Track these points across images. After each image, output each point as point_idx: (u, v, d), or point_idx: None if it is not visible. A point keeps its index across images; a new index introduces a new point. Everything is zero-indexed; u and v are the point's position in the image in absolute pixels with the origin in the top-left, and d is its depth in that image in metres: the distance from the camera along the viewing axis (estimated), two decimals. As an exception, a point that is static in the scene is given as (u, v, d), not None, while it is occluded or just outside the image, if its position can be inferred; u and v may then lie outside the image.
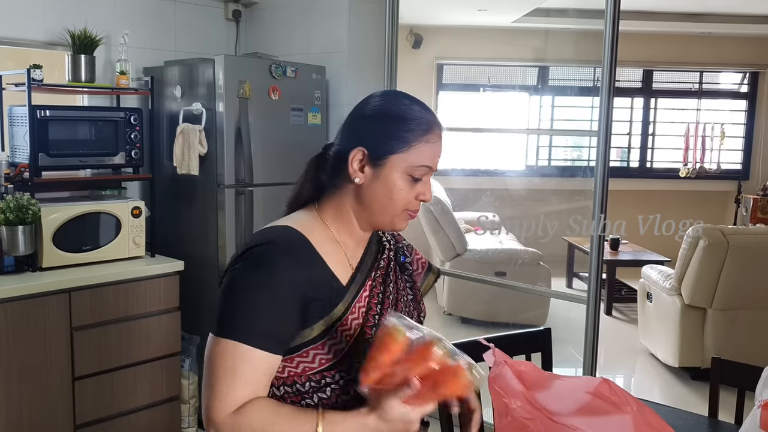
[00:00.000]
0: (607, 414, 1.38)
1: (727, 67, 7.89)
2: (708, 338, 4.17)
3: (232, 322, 1.18)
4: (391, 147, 1.25)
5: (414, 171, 1.26)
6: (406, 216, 1.29)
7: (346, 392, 1.24)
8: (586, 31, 6.59)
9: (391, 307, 1.33)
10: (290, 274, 1.20)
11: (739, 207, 7.50)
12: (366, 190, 1.27)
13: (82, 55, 3.11)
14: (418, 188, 1.27)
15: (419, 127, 1.26)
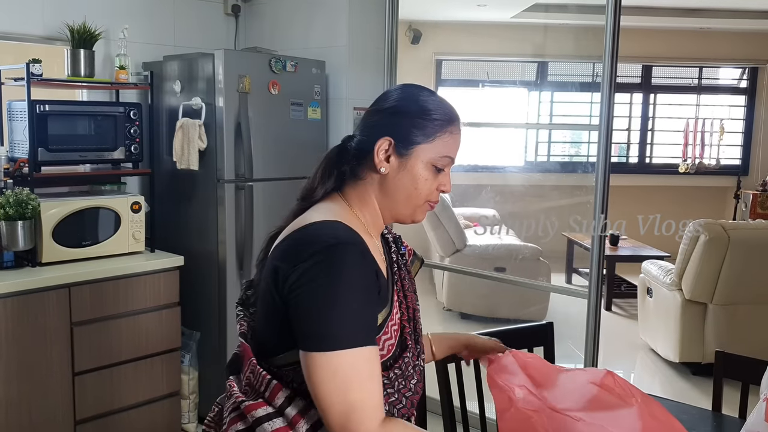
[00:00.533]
0: (612, 406, 1.38)
1: (726, 62, 7.89)
2: (709, 333, 4.17)
3: (348, 330, 1.13)
4: (416, 137, 1.27)
5: (438, 162, 1.29)
6: (427, 207, 1.32)
7: (387, 377, 1.24)
8: (585, 27, 6.58)
9: (408, 300, 1.36)
10: (371, 267, 1.20)
11: (739, 202, 7.50)
12: (392, 180, 1.29)
13: (81, 49, 3.10)
14: (440, 179, 1.30)
15: (443, 119, 1.29)
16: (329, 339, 1.11)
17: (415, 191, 1.29)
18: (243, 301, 1.39)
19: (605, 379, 1.44)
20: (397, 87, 1.36)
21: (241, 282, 3.26)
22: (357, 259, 1.17)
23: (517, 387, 1.43)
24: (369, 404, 1.11)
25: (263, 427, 1.19)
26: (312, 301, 1.13)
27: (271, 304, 1.22)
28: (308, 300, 1.14)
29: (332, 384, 1.11)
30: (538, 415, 1.36)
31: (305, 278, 1.14)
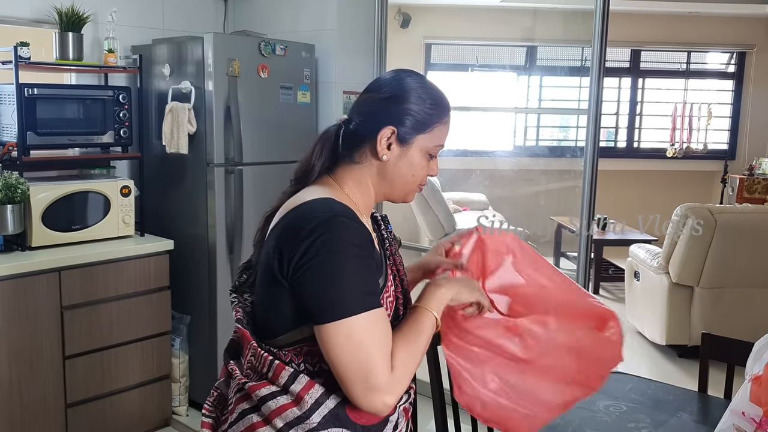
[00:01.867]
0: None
1: (714, 47, 7.92)
2: (695, 316, 4.22)
3: (356, 296, 1.19)
4: (418, 127, 1.34)
5: (432, 150, 1.37)
6: (417, 189, 1.40)
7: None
8: (574, 11, 6.58)
9: (398, 275, 1.41)
10: (365, 238, 1.25)
11: (726, 186, 7.56)
12: (391, 167, 1.35)
13: (69, 32, 3.07)
14: (431, 165, 1.39)
15: (440, 110, 1.36)
16: (339, 308, 1.17)
17: (412, 178, 1.36)
18: (236, 288, 1.42)
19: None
20: (394, 73, 1.39)
21: (231, 265, 3.26)
22: (354, 229, 1.22)
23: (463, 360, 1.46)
24: (381, 359, 1.18)
25: (268, 404, 1.23)
26: (318, 276, 1.18)
27: (272, 285, 1.25)
28: (314, 275, 1.18)
29: (348, 349, 1.17)
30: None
31: (309, 255, 1.19)
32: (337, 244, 1.19)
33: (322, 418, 1.23)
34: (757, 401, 1.43)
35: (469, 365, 1.44)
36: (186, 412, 3.41)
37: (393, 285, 1.37)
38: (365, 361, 1.17)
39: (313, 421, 1.23)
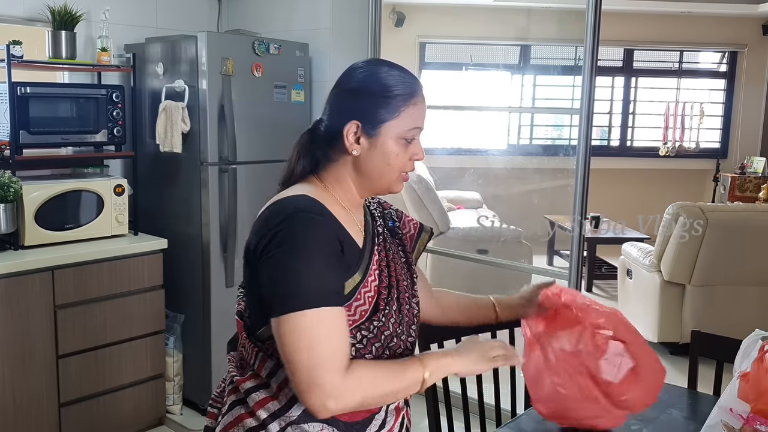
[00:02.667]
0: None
1: (706, 46, 7.95)
2: (687, 314, 4.24)
3: (308, 291, 1.18)
4: (382, 116, 1.31)
5: (406, 134, 1.33)
6: (402, 177, 1.36)
7: (370, 351, 1.29)
8: (568, 10, 6.60)
9: (391, 271, 1.39)
10: (332, 233, 1.25)
11: (718, 185, 7.60)
12: (364, 160, 1.33)
13: (62, 31, 3.07)
14: (411, 149, 1.34)
15: (405, 92, 1.32)
16: (291, 300, 1.17)
17: (387, 167, 1.33)
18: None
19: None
20: (359, 63, 1.38)
21: (225, 264, 3.27)
22: (315, 224, 1.23)
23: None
24: (331, 359, 1.16)
25: (252, 396, 1.29)
26: (275, 267, 1.20)
27: (247, 279, 1.30)
28: (271, 267, 1.20)
29: (297, 344, 1.16)
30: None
31: (269, 247, 1.21)
32: (295, 239, 1.20)
33: (302, 411, 1.26)
34: (744, 398, 1.44)
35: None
36: (180, 411, 3.41)
37: (376, 280, 1.34)
38: (310, 358, 1.15)
39: (292, 414, 1.26)
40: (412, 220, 1.55)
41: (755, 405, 1.46)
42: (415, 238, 1.53)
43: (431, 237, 1.56)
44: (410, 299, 1.42)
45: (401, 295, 1.39)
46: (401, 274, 1.42)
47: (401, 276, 1.41)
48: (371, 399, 1.21)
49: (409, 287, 1.43)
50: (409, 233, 1.52)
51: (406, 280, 1.43)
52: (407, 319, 1.39)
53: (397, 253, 1.45)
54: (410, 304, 1.41)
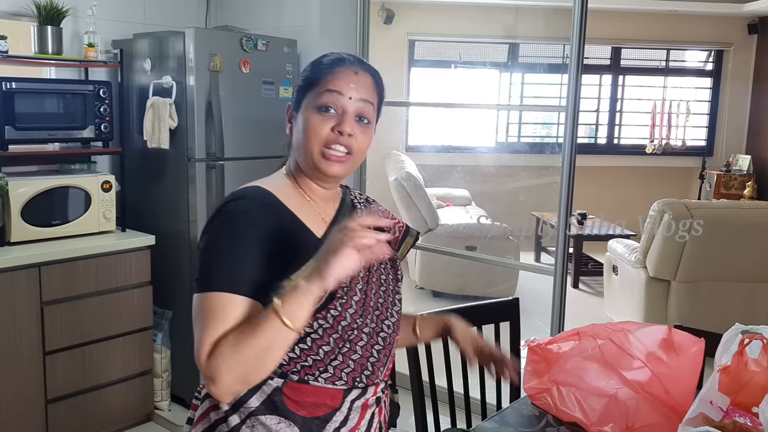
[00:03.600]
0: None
1: (693, 45, 8.00)
2: (672, 309, 4.28)
3: (214, 275, 1.21)
4: (302, 92, 1.34)
5: (320, 100, 1.30)
6: (329, 155, 1.30)
7: (327, 342, 1.28)
8: (555, 8, 6.63)
9: (365, 263, 1.36)
10: (263, 225, 1.25)
11: (703, 183, 7.66)
12: (294, 137, 1.37)
13: (48, 26, 3.06)
14: (331, 120, 1.30)
15: (327, 65, 1.34)
16: (201, 282, 1.22)
17: (305, 141, 1.31)
18: None
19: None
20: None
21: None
22: (246, 212, 1.25)
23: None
24: (206, 341, 1.17)
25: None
26: (202, 248, 1.26)
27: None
28: (201, 247, 1.26)
29: (197, 322, 1.21)
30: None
31: (205, 230, 1.27)
32: (221, 224, 1.25)
33: (260, 403, 1.26)
34: (725, 391, 1.47)
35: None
36: (168, 407, 3.41)
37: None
38: (197, 339, 1.19)
39: (251, 405, 1.26)
40: (399, 222, 1.54)
41: (735, 398, 1.48)
42: (399, 240, 1.52)
43: (416, 240, 1.55)
44: (387, 294, 1.40)
45: (370, 288, 1.36)
46: (379, 268, 1.40)
47: (378, 270, 1.40)
48: (248, 367, 1.15)
49: (389, 282, 1.42)
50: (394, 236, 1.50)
51: (386, 275, 1.42)
52: (377, 313, 1.36)
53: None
54: (384, 298, 1.39)
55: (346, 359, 1.29)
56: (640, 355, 1.64)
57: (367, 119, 1.33)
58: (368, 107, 1.33)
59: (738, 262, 4.20)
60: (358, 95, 1.31)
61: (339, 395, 1.29)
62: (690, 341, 1.64)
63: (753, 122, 7.84)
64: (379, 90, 1.38)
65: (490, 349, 1.57)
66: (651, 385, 1.60)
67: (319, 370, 1.27)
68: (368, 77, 1.35)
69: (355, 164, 1.35)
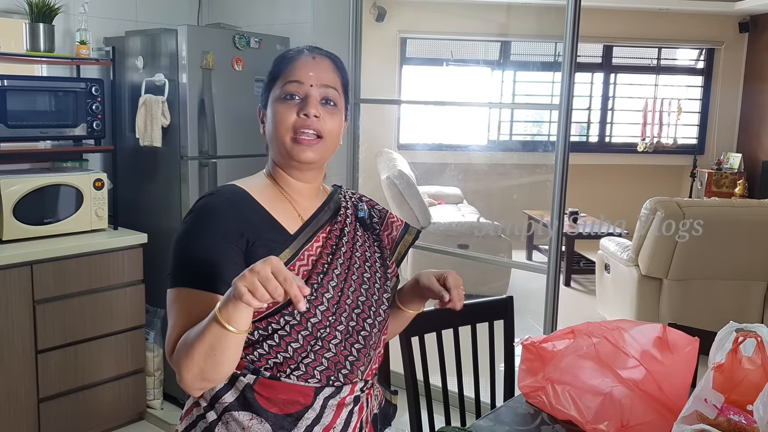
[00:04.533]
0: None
1: (684, 43, 8.04)
2: (664, 307, 4.30)
3: (183, 270, 1.25)
4: (267, 89, 1.38)
5: (283, 90, 1.33)
6: (298, 140, 1.31)
7: (296, 339, 1.27)
8: (547, 6, 6.64)
9: (345, 261, 1.36)
10: (232, 220, 1.27)
11: (695, 180, 7.69)
12: (266, 134, 1.38)
13: (40, 23, 3.04)
14: (296, 106, 1.32)
15: (285, 58, 1.37)
16: (170, 277, 1.27)
17: (273, 129, 1.34)
18: None
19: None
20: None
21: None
22: (213, 208, 1.29)
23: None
24: (172, 336, 1.22)
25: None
26: (173, 243, 1.29)
27: None
28: (173, 242, 1.29)
29: (168, 315, 1.26)
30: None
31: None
32: (195, 220, 1.28)
33: (234, 399, 1.28)
34: (719, 388, 1.47)
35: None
36: (161, 406, 3.40)
37: (308, 265, 1.31)
38: (170, 331, 1.24)
39: (225, 401, 1.28)
40: (397, 221, 1.52)
41: (729, 395, 1.49)
42: (396, 239, 1.50)
43: (416, 239, 1.53)
44: (370, 292, 1.38)
45: (347, 285, 1.35)
46: (363, 267, 1.39)
47: (361, 268, 1.39)
48: (202, 366, 1.14)
49: (374, 281, 1.40)
50: (390, 235, 1.49)
51: (370, 274, 1.40)
52: (358, 311, 1.35)
53: (370, 246, 1.43)
54: (367, 296, 1.37)
55: (318, 357, 1.29)
56: (635, 353, 1.64)
57: (332, 101, 1.35)
58: (331, 91, 1.35)
59: (729, 261, 4.22)
60: (318, 81, 1.33)
61: (311, 392, 1.29)
62: (684, 340, 1.65)
63: (744, 120, 7.88)
64: (342, 74, 1.40)
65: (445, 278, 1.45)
66: (646, 384, 1.60)
67: (290, 368, 1.27)
68: (327, 60, 1.38)
69: (327, 148, 1.35)
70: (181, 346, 1.17)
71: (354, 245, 1.40)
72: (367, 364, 1.37)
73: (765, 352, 1.49)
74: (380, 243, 1.46)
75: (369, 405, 1.41)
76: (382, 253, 1.45)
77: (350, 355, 1.33)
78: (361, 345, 1.35)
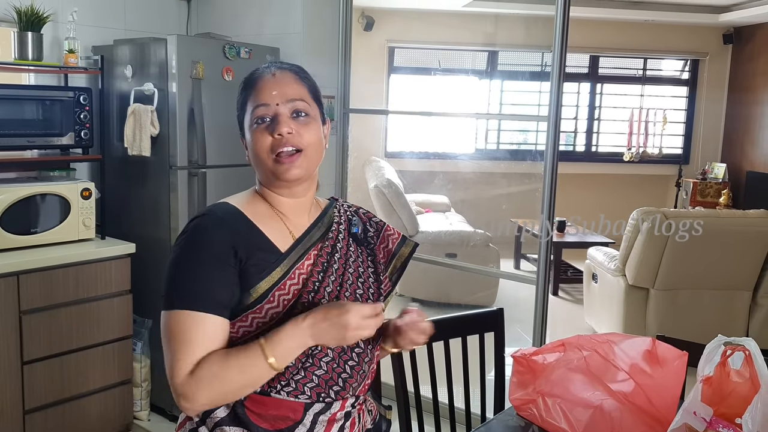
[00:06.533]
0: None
1: (669, 54, 8.12)
2: (650, 317, 4.32)
3: (179, 292, 1.24)
4: (240, 116, 1.38)
5: (255, 115, 1.33)
6: (281, 161, 1.32)
7: (310, 379, 1.30)
8: (535, 17, 6.68)
9: (337, 278, 1.36)
10: (225, 240, 1.27)
11: (680, 190, 7.76)
12: (250, 159, 1.38)
13: (28, 32, 3.02)
14: (269, 129, 1.32)
15: (244, 84, 1.38)
16: (165, 299, 1.26)
17: (256, 156, 1.34)
18: None
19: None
20: None
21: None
22: (207, 228, 1.28)
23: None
24: (182, 358, 1.21)
25: None
26: (168, 264, 1.29)
27: None
28: (168, 263, 1.29)
29: (164, 339, 1.24)
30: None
31: (174, 246, 1.31)
32: (189, 241, 1.28)
33: (225, 414, 1.29)
34: (708, 401, 1.48)
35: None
36: (147, 417, 3.38)
37: (299, 284, 1.31)
38: (170, 356, 1.22)
39: (217, 416, 1.29)
40: (394, 234, 1.51)
41: (718, 408, 1.50)
42: (392, 252, 1.49)
43: (412, 252, 1.51)
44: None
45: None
46: (356, 283, 1.39)
47: (354, 285, 1.38)
48: (226, 394, 1.22)
49: (368, 297, 1.40)
50: (386, 248, 1.49)
51: (363, 290, 1.40)
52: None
53: (363, 261, 1.43)
54: None
55: (308, 374, 1.29)
56: (625, 366, 1.65)
57: (303, 112, 1.34)
58: (299, 103, 1.34)
59: (715, 270, 4.26)
60: (283, 97, 1.33)
61: (300, 408, 1.29)
62: (673, 354, 1.66)
63: (728, 131, 7.96)
64: (307, 82, 1.39)
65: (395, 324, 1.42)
66: (635, 397, 1.61)
67: (281, 384, 1.28)
68: (287, 74, 1.37)
69: (311, 160, 1.35)
70: (208, 373, 1.19)
71: (347, 261, 1.40)
72: (360, 381, 1.37)
73: (753, 365, 1.50)
74: (374, 258, 1.46)
75: (361, 420, 1.41)
76: (375, 269, 1.45)
77: (343, 372, 1.33)
78: (354, 362, 1.35)
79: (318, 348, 1.29)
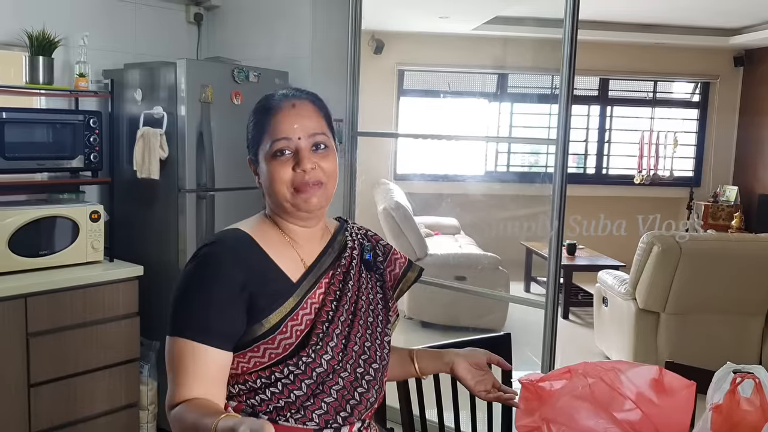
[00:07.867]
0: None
1: (679, 77, 8.12)
2: (661, 341, 4.27)
3: (183, 321, 1.24)
4: (255, 144, 1.36)
5: (272, 149, 1.32)
6: (302, 192, 1.31)
7: (299, 387, 1.28)
8: (543, 40, 6.71)
9: (350, 306, 1.35)
10: (236, 271, 1.25)
11: (691, 213, 7.71)
12: (262, 185, 1.37)
13: (40, 56, 3.06)
14: (289, 162, 1.32)
15: (259, 114, 1.36)
16: (170, 324, 1.26)
17: (271, 186, 1.33)
18: None
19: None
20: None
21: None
22: (224, 260, 1.27)
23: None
24: (179, 386, 1.22)
25: None
26: (174, 289, 1.29)
27: None
28: (174, 288, 1.29)
29: (167, 362, 1.26)
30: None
31: (183, 271, 1.31)
32: (199, 270, 1.27)
33: None
34: (717, 430, 1.46)
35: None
36: (153, 440, 3.36)
37: (312, 314, 1.31)
38: (169, 381, 1.25)
39: None
40: (401, 258, 1.52)
41: (727, 437, 1.47)
42: (399, 276, 1.50)
43: (418, 277, 1.53)
44: (374, 337, 1.38)
45: (354, 331, 1.35)
46: (368, 310, 1.39)
47: (366, 312, 1.38)
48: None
49: (378, 325, 1.40)
50: (393, 272, 1.49)
51: (373, 317, 1.39)
52: (365, 357, 1.35)
53: (372, 288, 1.43)
54: (371, 341, 1.37)
55: (317, 401, 1.29)
56: (631, 395, 1.62)
57: (323, 145, 1.34)
58: (320, 137, 1.34)
59: (726, 295, 4.21)
60: (305, 131, 1.32)
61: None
62: (681, 383, 1.63)
63: (740, 153, 7.93)
64: (323, 112, 1.39)
65: (495, 385, 1.60)
66: (642, 426, 1.59)
67: (290, 411, 1.27)
68: (307, 104, 1.36)
69: (329, 191, 1.35)
70: (176, 421, 1.20)
71: (360, 288, 1.39)
72: (368, 407, 1.37)
73: (763, 393, 1.48)
74: (383, 284, 1.45)
75: None
76: (384, 294, 1.45)
77: (352, 399, 1.33)
78: (364, 389, 1.35)
79: (329, 376, 1.29)
